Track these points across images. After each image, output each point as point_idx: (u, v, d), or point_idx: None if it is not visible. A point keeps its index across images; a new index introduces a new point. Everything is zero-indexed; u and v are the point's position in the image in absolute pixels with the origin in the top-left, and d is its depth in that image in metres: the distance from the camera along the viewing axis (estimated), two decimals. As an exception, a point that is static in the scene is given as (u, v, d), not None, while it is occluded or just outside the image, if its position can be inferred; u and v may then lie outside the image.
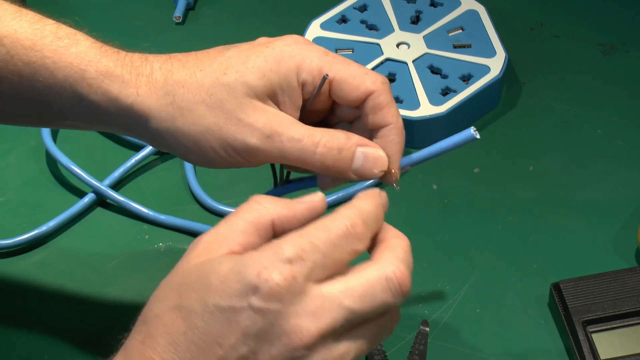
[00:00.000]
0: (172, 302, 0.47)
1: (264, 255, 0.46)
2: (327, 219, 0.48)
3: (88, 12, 0.96)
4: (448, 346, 0.69)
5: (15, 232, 0.77)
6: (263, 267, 0.45)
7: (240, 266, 0.46)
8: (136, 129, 0.57)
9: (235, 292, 0.45)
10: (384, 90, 0.56)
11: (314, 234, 0.47)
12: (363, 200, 0.50)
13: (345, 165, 0.55)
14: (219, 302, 0.45)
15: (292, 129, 0.54)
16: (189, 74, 0.56)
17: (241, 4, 0.96)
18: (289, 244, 0.46)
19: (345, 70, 0.55)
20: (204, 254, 0.48)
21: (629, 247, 0.74)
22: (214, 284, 0.46)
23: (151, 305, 0.48)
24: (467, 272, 0.74)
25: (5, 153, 0.84)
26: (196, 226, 0.77)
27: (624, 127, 0.83)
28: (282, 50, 0.55)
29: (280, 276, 0.45)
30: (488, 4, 0.89)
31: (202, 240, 0.49)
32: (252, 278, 0.45)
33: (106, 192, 0.79)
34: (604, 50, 0.89)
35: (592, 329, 0.67)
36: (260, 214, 0.49)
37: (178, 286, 0.47)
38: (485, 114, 0.85)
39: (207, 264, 0.47)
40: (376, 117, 0.56)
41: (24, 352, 0.71)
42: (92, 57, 0.57)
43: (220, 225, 0.49)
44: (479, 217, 0.77)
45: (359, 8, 0.90)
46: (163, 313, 0.47)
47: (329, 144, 0.54)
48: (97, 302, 0.73)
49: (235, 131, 0.55)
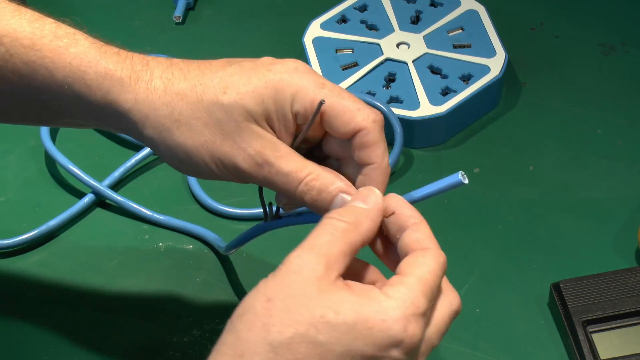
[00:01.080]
0: (305, 333, 0.46)
1: (404, 306, 0.48)
2: (430, 259, 0.51)
3: (88, 12, 0.96)
4: (448, 346, 0.69)
5: (15, 232, 0.77)
6: (408, 322, 0.47)
7: (384, 314, 0.47)
8: (131, 132, 0.57)
9: (381, 342, 0.47)
10: (374, 129, 0.55)
11: (431, 280, 0.50)
12: (424, 224, 0.54)
13: (323, 206, 0.55)
14: (363, 348, 0.47)
15: (284, 161, 0.54)
16: (190, 87, 0.55)
17: (241, 4, 0.96)
18: (422, 295, 0.49)
19: (339, 102, 0.55)
20: (323, 278, 0.48)
21: (629, 247, 0.74)
22: (359, 329, 0.47)
23: (278, 327, 0.46)
24: (467, 272, 0.74)
25: (5, 153, 0.84)
26: (196, 229, 0.77)
27: (624, 127, 0.83)
28: (282, 79, 0.55)
29: (421, 331, 0.48)
30: (488, 4, 0.89)
31: (311, 262, 0.48)
32: (399, 332, 0.47)
33: (106, 192, 0.79)
34: (604, 50, 0.89)
35: (592, 329, 0.67)
36: (353, 235, 0.50)
37: (311, 316, 0.47)
38: (485, 114, 0.85)
39: (342, 300, 0.47)
40: (362, 153, 0.55)
41: (24, 352, 0.71)
42: (91, 57, 0.56)
43: (320, 246, 0.49)
44: (479, 217, 0.77)
45: (359, 8, 0.90)
46: (296, 344, 0.46)
47: (310, 183, 0.54)
48: (97, 302, 0.73)
49: (228, 152, 0.55)
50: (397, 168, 0.81)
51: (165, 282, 0.74)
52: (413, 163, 0.81)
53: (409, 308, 0.48)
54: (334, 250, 0.49)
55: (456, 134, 0.83)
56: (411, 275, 0.49)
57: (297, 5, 0.95)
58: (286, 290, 0.47)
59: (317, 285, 0.47)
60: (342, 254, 0.49)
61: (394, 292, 0.48)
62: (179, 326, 0.71)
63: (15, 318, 0.72)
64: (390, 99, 0.82)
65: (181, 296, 0.73)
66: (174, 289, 0.74)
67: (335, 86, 0.56)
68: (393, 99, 0.82)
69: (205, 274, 0.74)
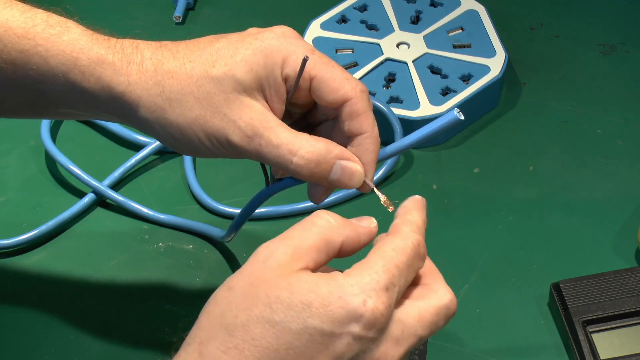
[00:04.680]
0: (260, 314, 0.46)
1: (363, 281, 0.47)
2: (397, 239, 0.50)
3: (88, 12, 0.96)
4: (448, 346, 0.69)
5: (15, 232, 0.77)
6: (367, 296, 0.46)
7: (341, 291, 0.46)
8: (126, 117, 0.58)
9: (338, 317, 0.46)
10: (362, 98, 0.56)
11: (396, 257, 0.48)
12: (416, 214, 0.52)
13: (321, 176, 0.55)
14: (321, 325, 0.46)
15: (273, 132, 0.54)
16: (179, 64, 0.56)
17: (241, 4, 0.96)
18: (382, 271, 0.47)
19: (327, 71, 0.55)
20: (285, 266, 0.47)
21: (629, 247, 0.74)
22: (314, 306, 0.46)
23: (234, 311, 0.47)
24: (467, 272, 0.74)
25: (5, 153, 0.84)
26: (196, 226, 0.77)
27: (624, 127, 0.83)
28: (271, 44, 0.55)
29: (382, 305, 0.47)
30: (488, 4, 0.89)
31: (278, 251, 0.48)
32: (358, 306, 0.46)
33: (106, 192, 0.79)
34: (604, 50, 0.89)
35: (592, 329, 0.67)
36: (332, 232, 0.49)
37: (267, 298, 0.46)
38: (485, 114, 0.85)
39: (300, 281, 0.47)
40: (352, 124, 0.56)
41: (24, 352, 0.71)
42: (83, 44, 0.57)
43: (292, 237, 0.49)
44: (479, 217, 0.77)
45: (359, 8, 0.90)
46: (251, 324, 0.46)
47: (307, 155, 0.54)
48: (97, 302, 0.73)
49: (219, 125, 0.55)
50: (397, 168, 0.81)
51: (165, 282, 0.74)
52: (413, 163, 0.81)
53: (369, 284, 0.47)
54: (306, 243, 0.48)
55: (456, 134, 0.83)
56: (372, 255, 0.49)
57: (297, 5, 0.95)
58: (247, 278, 0.48)
59: (277, 271, 0.47)
60: (314, 249, 0.49)
61: (354, 271, 0.48)
62: (178, 326, 0.71)
63: (15, 318, 0.72)
64: (390, 99, 0.82)
65: (181, 296, 0.73)
66: (174, 289, 0.74)
67: (324, 55, 0.56)
68: (393, 99, 0.82)
69: (205, 274, 0.74)
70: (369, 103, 0.56)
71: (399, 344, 0.48)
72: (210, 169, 0.82)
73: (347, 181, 0.55)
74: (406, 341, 0.48)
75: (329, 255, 0.49)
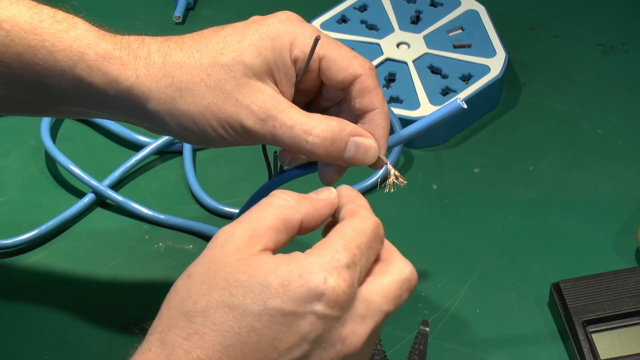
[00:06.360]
0: (219, 298, 0.46)
1: (323, 260, 0.46)
2: (357, 220, 0.49)
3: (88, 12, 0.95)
4: (448, 346, 0.69)
5: (15, 232, 0.77)
6: (328, 274, 0.46)
7: (301, 270, 0.46)
8: (135, 112, 0.58)
9: (299, 296, 0.45)
10: (371, 75, 0.56)
11: (357, 238, 0.48)
12: (362, 199, 0.51)
13: (337, 155, 0.55)
14: (281, 305, 0.45)
15: (286, 114, 0.55)
16: (187, 55, 0.56)
17: (241, 4, 0.96)
18: (343, 250, 0.47)
19: (335, 50, 0.56)
20: (243, 249, 0.47)
21: (629, 247, 0.74)
22: (274, 286, 0.45)
23: (194, 297, 0.46)
24: (467, 272, 0.74)
25: (5, 153, 0.84)
26: (196, 226, 0.77)
27: (624, 127, 0.83)
28: (277, 28, 0.56)
29: (345, 283, 0.46)
30: (488, 4, 0.89)
31: (235, 234, 0.48)
32: (318, 284, 0.45)
33: (106, 192, 0.79)
34: (604, 50, 0.89)
35: (592, 329, 0.67)
36: (289, 211, 0.49)
37: (225, 282, 0.46)
38: (485, 114, 0.85)
39: (259, 263, 0.46)
40: (363, 100, 0.56)
41: (24, 353, 0.71)
42: (90, 40, 0.57)
43: (248, 220, 0.48)
44: (479, 217, 0.77)
45: (359, 8, 0.90)
46: (211, 309, 0.46)
47: (322, 134, 0.54)
48: (97, 302, 0.73)
49: (232, 111, 0.55)
50: (397, 168, 0.81)
51: (165, 282, 0.74)
52: (413, 163, 0.81)
53: (329, 262, 0.46)
54: (264, 225, 0.48)
55: (456, 134, 0.83)
56: (332, 235, 0.48)
57: (297, 5, 0.95)
58: (205, 264, 0.47)
59: (236, 255, 0.47)
60: (272, 229, 0.48)
61: (314, 250, 0.47)
62: (179, 326, 0.71)
63: (15, 318, 0.72)
64: (390, 98, 0.82)
65: (181, 296, 0.73)
66: (174, 289, 0.74)
67: (329, 36, 0.57)
68: (393, 99, 0.82)
69: (205, 274, 0.74)
70: (377, 80, 0.57)
71: (364, 321, 0.47)
72: (210, 169, 0.82)
73: (362, 157, 0.56)
74: (372, 318, 0.47)
75: (289, 235, 0.49)
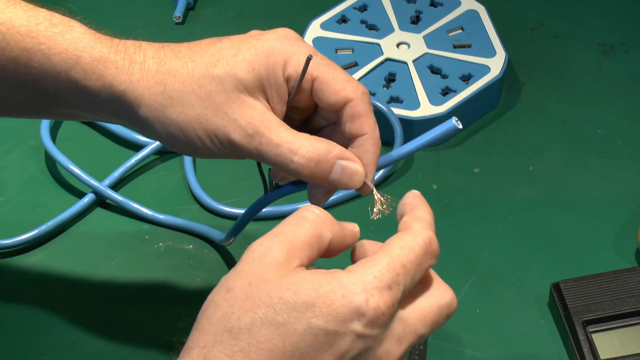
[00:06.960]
0: (263, 316, 0.46)
1: (366, 280, 0.47)
2: (407, 236, 0.49)
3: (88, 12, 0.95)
4: (448, 346, 0.69)
5: (15, 232, 0.77)
6: (369, 295, 0.46)
7: (344, 290, 0.46)
8: (127, 116, 0.58)
9: (342, 316, 0.46)
10: (363, 100, 0.56)
11: (403, 256, 0.48)
12: (424, 209, 0.52)
13: (322, 176, 0.55)
14: (325, 325, 0.46)
15: (274, 131, 0.54)
16: (181, 64, 0.56)
17: (241, 4, 0.96)
18: (386, 269, 0.47)
19: (329, 72, 0.56)
20: (283, 264, 0.47)
21: (629, 247, 0.74)
22: (318, 306, 0.46)
23: (237, 313, 0.46)
24: (467, 272, 0.74)
25: (5, 153, 0.84)
26: (196, 226, 0.77)
27: (624, 127, 0.83)
28: (272, 45, 0.56)
29: (385, 305, 0.46)
30: (488, 4, 0.89)
31: (273, 248, 0.48)
32: (360, 305, 0.46)
33: (106, 192, 0.79)
34: (604, 50, 0.89)
35: (592, 329, 0.67)
36: (322, 228, 0.49)
37: (269, 298, 0.46)
38: (485, 114, 0.85)
39: (302, 280, 0.46)
40: (353, 125, 0.56)
41: (23, 353, 0.71)
42: (86, 43, 0.57)
43: (285, 234, 0.49)
44: (479, 217, 0.77)
45: (359, 8, 0.90)
46: (256, 327, 0.46)
47: (307, 155, 0.54)
48: (97, 302, 0.73)
49: (220, 124, 0.55)
50: (397, 168, 0.81)
51: (165, 282, 0.74)
52: (413, 163, 0.81)
53: (372, 282, 0.46)
54: (300, 239, 0.48)
55: (456, 134, 0.83)
56: (379, 252, 0.48)
57: (297, 5, 0.95)
58: (245, 278, 0.47)
59: (276, 270, 0.47)
60: (307, 244, 0.48)
61: (357, 269, 0.47)
62: (178, 326, 0.71)
63: (15, 318, 0.72)
64: (390, 99, 0.82)
65: (181, 296, 0.73)
66: (174, 289, 0.74)
67: (325, 57, 0.57)
68: (393, 99, 0.82)
69: (205, 274, 0.74)
70: (369, 105, 0.56)
71: (400, 342, 0.48)
72: (210, 169, 0.82)
73: (347, 181, 0.55)
74: (407, 339, 0.48)
75: (320, 252, 0.49)
